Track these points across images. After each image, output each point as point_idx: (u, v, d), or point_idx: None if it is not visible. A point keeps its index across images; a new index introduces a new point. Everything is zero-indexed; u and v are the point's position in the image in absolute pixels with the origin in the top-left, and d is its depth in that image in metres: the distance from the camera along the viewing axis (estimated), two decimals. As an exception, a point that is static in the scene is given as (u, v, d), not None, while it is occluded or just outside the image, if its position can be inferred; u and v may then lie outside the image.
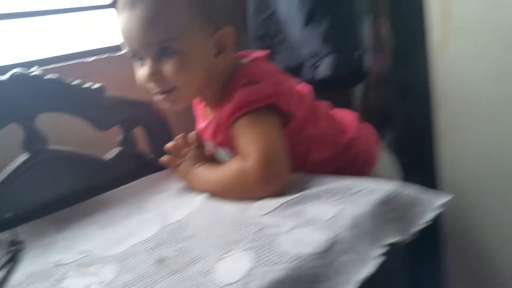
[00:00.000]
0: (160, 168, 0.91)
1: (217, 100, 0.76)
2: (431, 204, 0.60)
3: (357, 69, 1.03)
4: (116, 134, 0.90)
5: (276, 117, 0.72)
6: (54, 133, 0.81)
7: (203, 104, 0.87)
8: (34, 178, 0.78)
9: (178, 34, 0.68)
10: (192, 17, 0.69)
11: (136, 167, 0.92)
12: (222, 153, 0.83)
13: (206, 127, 0.82)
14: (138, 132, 0.93)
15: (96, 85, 0.84)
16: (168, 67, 0.69)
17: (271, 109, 0.71)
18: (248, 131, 0.69)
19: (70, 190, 0.82)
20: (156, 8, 0.67)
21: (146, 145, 0.95)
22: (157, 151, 0.94)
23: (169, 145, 0.81)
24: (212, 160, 0.79)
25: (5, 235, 0.69)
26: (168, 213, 0.70)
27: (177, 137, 0.82)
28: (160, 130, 0.95)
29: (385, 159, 0.95)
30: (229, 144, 0.76)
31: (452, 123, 0.96)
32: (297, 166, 0.74)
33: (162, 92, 0.73)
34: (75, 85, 0.81)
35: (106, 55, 1.04)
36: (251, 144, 0.68)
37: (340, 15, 0.96)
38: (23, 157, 0.78)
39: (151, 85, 0.73)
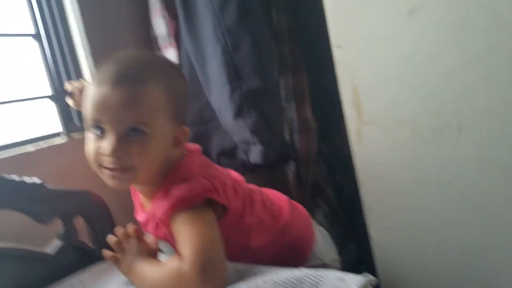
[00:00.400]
0: (102, 258, 0.92)
1: (153, 191, 0.79)
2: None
3: (286, 152, 1.13)
4: (54, 223, 0.90)
5: (211, 212, 0.74)
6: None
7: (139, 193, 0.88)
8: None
9: (151, 119, 0.72)
10: (165, 109, 0.74)
11: (78, 258, 0.92)
12: (164, 247, 0.87)
13: (147, 220, 0.83)
14: (78, 222, 0.94)
15: (37, 180, 0.85)
16: (134, 147, 0.71)
17: (207, 203, 0.74)
18: (185, 229, 0.70)
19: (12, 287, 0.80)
20: (138, 92, 0.71)
21: (87, 235, 0.96)
22: (98, 241, 0.95)
23: (112, 240, 0.80)
24: (153, 253, 0.78)
25: None
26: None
27: (117, 229, 0.81)
28: (100, 219, 0.96)
29: (320, 237, 1.02)
30: (170, 239, 0.78)
31: (377, 198, 1.07)
32: (239, 253, 0.78)
33: (119, 169, 0.72)
34: (13, 180, 0.82)
35: (47, 145, 1.05)
36: (187, 244, 0.68)
37: (264, 110, 1.07)
38: (-43, 258, 0.76)
39: (109, 160, 0.72)
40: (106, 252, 0.79)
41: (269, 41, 1.15)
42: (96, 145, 0.73)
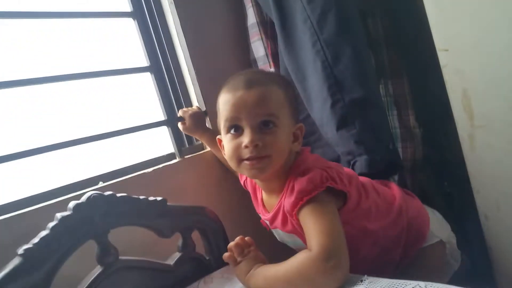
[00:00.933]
0: (217, 268, 0.98)
1: (277, 186, 0.90)
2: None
3: (392, 161, 1.10)
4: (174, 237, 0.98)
5: (333, 200, 0.83)
6: (121, 244, 0.90)
7: (259, 192, 0.99)
8: (107, 288, 0.86)
9: (279, 113, 0.86)
10: (286, 106, 0.89)
11: (195, 268, 0.99)
12: (290, 240, 0.94)
13: (274, 216, 0.92)
14: (195, 235, 1.01)
15: (159, 198, 0.94)
16: (268, 137, 0.85)
17: (328, 192, 0.82)
18: (310, 221, 0.79)
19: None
20: (267, 92, 0.87)
21: (203, 247, 1.03)
22: (213, 253, 1.02)
23: (232, 243, 0.89)
24: (266, 262, 0.86)
25: None
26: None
27: (238, 238, 0.90)
28: (215, 233, 1.03)
29: (433, 217, 1.03)
30: (300, 230, 0.85)
31: (493, 205, 1.00)
32: (358, 236, 0.88)
33: (256, 158, 0.85)
34: (142, 199, 0.91)
35: (162, 165, 1.15)
36: (313, 236, 0.77)
37: (369, 119, 1.06)
38: (97, 270, 0.86)
39: (247, 151, 0.85)
40: (226, 254, 0.89)
41: (367, 50, 1.14)
42: (235, 142, 0.86)
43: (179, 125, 1.22)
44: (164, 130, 1.23)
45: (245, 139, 0.84)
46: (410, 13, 1.13)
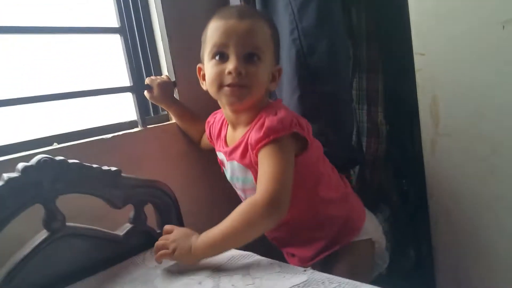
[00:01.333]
0: None
1: (246, 120, 0.94)
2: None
3: (353, 156, 1.11)
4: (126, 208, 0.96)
5: (293, 146, 0.88)
6: (70, 209, 0.87)
7: (225, 129, 1.03)
8: (52, 254, 0.84)
9: (265, 49, 0.91)
10: (271, 44, 0.94)
11: (145, 241, 0.98)
12: (240, 175, 0.97)
13: (235, 148, 0.95)
14: (147, 208, 1.00)
15: (113, 168, 0.91)
16: (251, 68, 0.89)
17: (292, 138, 0.88)
18: (268, 162, 0.84)
19: (85, 264, 0.88)
20: (258, 26, 0.91)
21: (155, 220, 1.01)
22: (164, 226, 1.01)
23: (156, 243, 0.88)
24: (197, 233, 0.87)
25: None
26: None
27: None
28: (168, 206, 1.01)
29: (369, 216, 1.07)
30: (253, 167, 0.90)
31: (444, 209, 1.03)
32: (307, 198, 0.95)
33: (237, 85, 0.89)
34: (95, 168, 0.88)
35: (122, 132, 1.12)
36: (264, 179, 0.83)
37: (335, 113, 1.06)
38: (42, 234, 0.84)
39: (229, 77, 0.89)
40: (157, 254, 0.86)
41: (345, 43, 1.12)
42: (219, 68, 0.90)
43: (146, 93, 1.18)
44: (129, 97, 1.18)
45: (230, 65, 0.88)
46: (396, 14, 1.12)
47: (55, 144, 1.01)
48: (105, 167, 0.90)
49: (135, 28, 1.20)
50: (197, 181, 1.27)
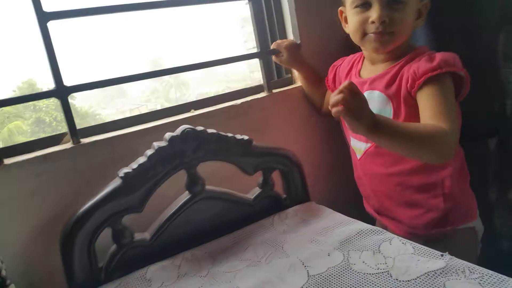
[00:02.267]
0: (291, 206, 1.04)
1: (395, 56, 0.95)
2: None
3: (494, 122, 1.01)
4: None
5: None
6: (204, 171, 0.94)
7: (357, 66, 1.04)
8: (192, 213, 0.93)
9: None
10: None
11: (272, 205, 1.03)
12: (381, 106, 0.94)
13: (378, 77, 0.95)
14: (275, 175, 1.04)
15: (246, 137, 0.96)
16: (395, 14, 0.89)
17: (453, 80, 0.86)
18: (441, 95, 0.83)
19: (219, 223, 0.97)
20: None
21: (281, 187, 1.06)
22: (290, 192, 1.05)
23: (337, 97, 0.72)
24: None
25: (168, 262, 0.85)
26: (307, 262, 0.79)
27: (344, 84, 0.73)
28: (294, 174, 1.05)
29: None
30: (398, 97, 0.91)
31: None
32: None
33: (382, 33, 0.90)
34: (230, 137, 0.94)
35: (250, 98, 1.16)
36: (444, 112, 0.82)
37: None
38: (185, 196, 0.93)
39: (373, 26, 0.90)
40: (336, 108, 0.72)
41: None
42: (362, 16, 0.91)
43: (274, 57, 1.18)
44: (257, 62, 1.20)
45: (373, 14, 0.88)
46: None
47: (192, 111, 1.09)
48: (238, 136, 0.95)
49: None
50: (319, 146, 1.28)
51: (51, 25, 0.89)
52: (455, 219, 0.97)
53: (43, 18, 0.87)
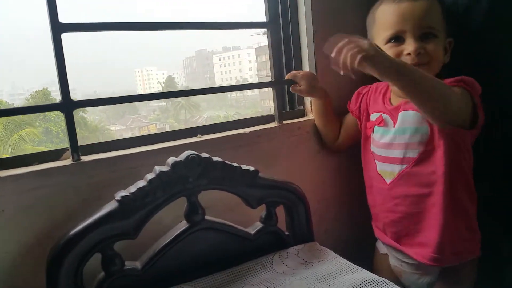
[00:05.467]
0: (293, 245, 0.98)
1: None
2: None
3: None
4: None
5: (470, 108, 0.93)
6: (205, 200, 0.90)
7: (388, 93, 1.07)
8: (189, 244, 0.88)
9: (438, 25, 0.97)
10: (444, 20, 0.99)
11: (273, 241, 0.98)
12: (416, 125, 0.97)
13: (408, 101, 0.96)
14: (278, 209, 0.99)
15: (252, 168, 0.92)
16: (429, 46, 0.95)
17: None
18: (461, 92, 0.91)
19: (216, 256, 0.91)
20: (430, 5, 0.97)
21: (284, 222, 1.01)
22: (293, 229, 1.00)
23: (341, 44, 0.81)
24: None
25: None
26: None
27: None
28: (299, 210, 1.00)
29: None
30: None
31: None
32: (457, 174, 0.96)
33: (417, 64, 0.94)
34: (236, 167, 0.90)
35: (260, 127, 1.12)
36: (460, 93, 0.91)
37: None
38: (183, 225, 0.88)
39: (408, 58, 0.95)
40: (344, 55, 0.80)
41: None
42: (396, 50, 0.97)
43: (292, 88, 1.15)
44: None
45: (409, 47, 0.94)
46: None
47: (199, 135, 1.05)
48: (244, 167, 0.91)
49: (281, 22, 1.17)
50: (326, 182, 1.24)
51: (65, 37, 0.87)
52: (477, 248, 1.01)
53: (58, 29, 0.85)
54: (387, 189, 1.03)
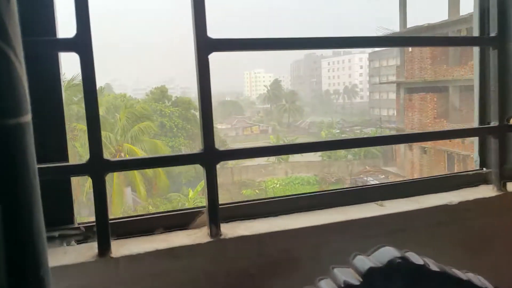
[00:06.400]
0: None
1: None
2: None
3: None
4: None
5: None
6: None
7: None
8: None
9: None
10: None
11: None
12: None
13: None
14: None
15: (486, 283, 0.55)
16: None
17: None
18: None
19: None
20: None
21: None
22: None
23: None
24: None
25: None
26: None
27: None
28: None
29: None
30: None
31: None
32: None
33: None
34: (465, 281, 0.54)
35: (473, 198, 0.75)
36: None
37: None
38: None
39: None
40: None
41: None
42: None
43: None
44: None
45: None
46: None
47: (380, 202, 0.72)
48: (478, 280, 0.55)
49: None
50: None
51: (213, 56, 0.59)
52: None
53: (206, 48, 0.58)
54: None
